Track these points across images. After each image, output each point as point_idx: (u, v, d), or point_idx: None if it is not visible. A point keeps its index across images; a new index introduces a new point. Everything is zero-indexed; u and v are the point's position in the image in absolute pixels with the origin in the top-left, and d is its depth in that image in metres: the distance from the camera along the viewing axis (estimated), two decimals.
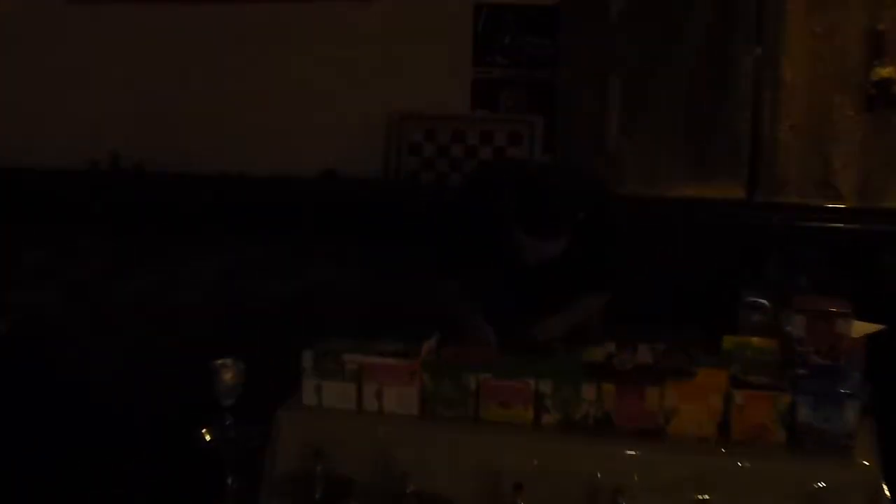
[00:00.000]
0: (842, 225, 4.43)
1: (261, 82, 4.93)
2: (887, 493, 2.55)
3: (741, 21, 4.55)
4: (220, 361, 2.80)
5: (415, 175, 4.84)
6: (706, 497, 2.60)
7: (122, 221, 4.81)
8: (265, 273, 4.61)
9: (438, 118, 4.82)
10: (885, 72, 4.41)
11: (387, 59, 4.80)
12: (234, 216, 4.69)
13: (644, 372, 2.77)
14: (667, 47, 4.63)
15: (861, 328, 2.79)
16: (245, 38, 4.93)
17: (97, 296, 4.62)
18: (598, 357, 2.87)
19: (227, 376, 2.79)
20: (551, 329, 3.19)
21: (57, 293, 4.58)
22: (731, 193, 4.60)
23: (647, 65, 4.65)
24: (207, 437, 2.78)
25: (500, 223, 2.99)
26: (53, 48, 5.08)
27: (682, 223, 4.41)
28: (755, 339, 2.89)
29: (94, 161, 5.00)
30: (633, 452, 2.66)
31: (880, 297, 3.49)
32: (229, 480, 2.78)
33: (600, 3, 4.64)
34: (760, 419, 2.66)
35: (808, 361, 2.73)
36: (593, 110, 4.68)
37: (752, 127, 4.58)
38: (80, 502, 3.78)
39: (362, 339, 2.97)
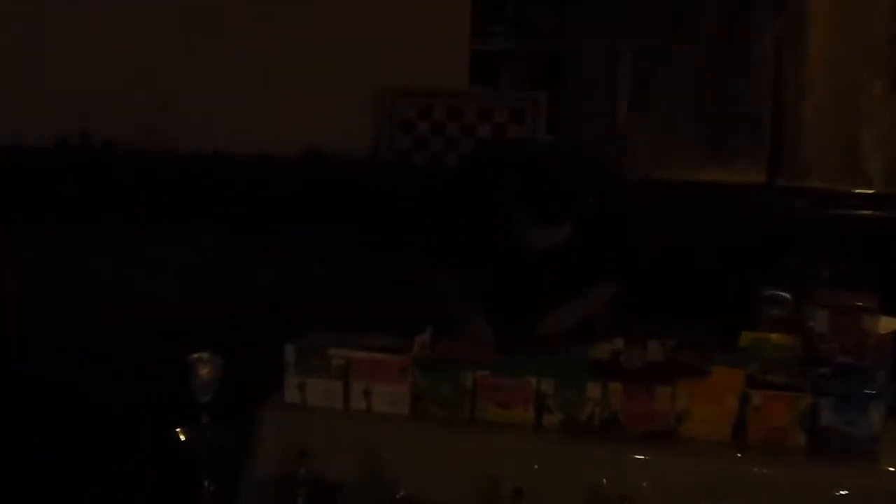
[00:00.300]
0: (870, 212, 4.44)
1: (241, 53, 4.91)
2: None
3: None
4: (196, 355, 2.81)
5: (407, 155, 4.84)
6: None
7: (91, 204, 4.80)
8: (246, 260, 4.61)
9: (433, 93, 4.81)
10: None
11: (377, 28, 4.79)
12: (212, 198, 4.69)
13: (654, 370, 2.78)
14: (682, 19, 4.63)
15: (889, 324, 2.80)
16: (224, 5, 4.92)
17: (64, 284, 4.62)
18: (604, 354, 2.88)
19: (204, 371, 2.79)
20: (555, 323, 3.20)
21: (21, 281, 4.58)
22: (751, 177, 4.61)
23: (660, 38, 4.65)
24: (182, 437, 2.79)
25: (500, 208, 3.00)
26: (14, 15, 5.05)
27: (696, 209, 4.41)
28: (774, 336, 2.90)
29: (62, 138, 4.99)
30: (641, 457, 2.67)
31: None
32: (206, 483, 2.79)
33: None
34: (779, 422, 2.67)
35: (831, 360, 2.74)
36: (602, 86, 4.68)
37: (773, 106, 4.58)
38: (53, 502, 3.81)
39: (350, 332, 2.97)
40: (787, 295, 3.03)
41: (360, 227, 4.42)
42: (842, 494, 2.57)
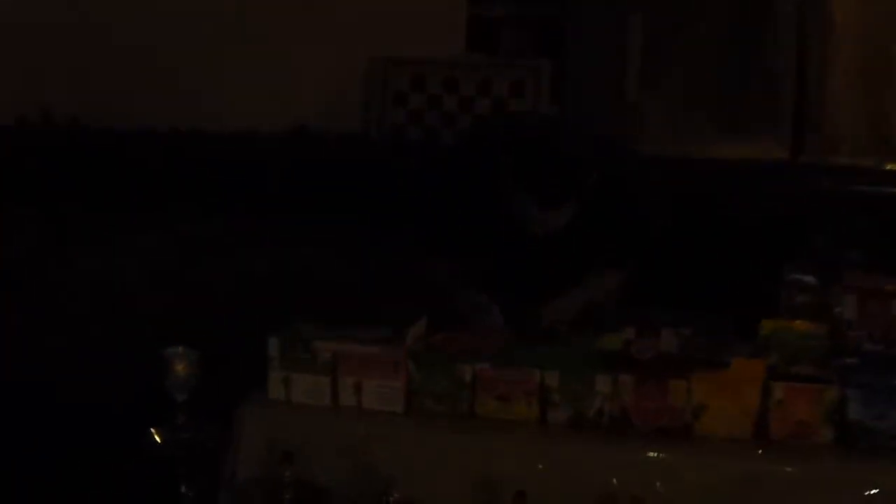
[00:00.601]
0: None
1: (220, 22, 4.91)
2: None
3: None
4: (171, 350, 2.81)
5: (400, 130, 4.84)
6: None
7: (56, 188, 4.80)
8: (225, 247, 4.61)
9: (427, 63, 4.82)
10: None
11: None
12: (189, 180, 4.69)
13: (668, 362, 2.78)
14: None
15: None
16: None
17: (29, 276, 4.62)
18: (614, 344, 2.87)
19: (180, 367, 2.79)
20: (559, 312, 3.20)
21: None
22: (773, 154, 4.62)
23: (673, 1, 4.65)
24: (157, 438, 2.79)
25: (499, 188, 3.00)
26: None
27: (714, 188, 4.42)
28: (798, 323, 2.90)
29: (23, 116, 4.99)
30: (654, 455, 2.67)
31: None
32: (183, 488, 2.79)
33: None
34: (804, 416, 2.67)
35: (860, 349, 2.74)
36: (610, 55, 4.68)
37: (796, 77, 4.59)
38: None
39: (340, 324, 2.97)
40: (812, 279, 3.03)
41: (352, 211, 4.43)
42: (872, 494, 2.57)
